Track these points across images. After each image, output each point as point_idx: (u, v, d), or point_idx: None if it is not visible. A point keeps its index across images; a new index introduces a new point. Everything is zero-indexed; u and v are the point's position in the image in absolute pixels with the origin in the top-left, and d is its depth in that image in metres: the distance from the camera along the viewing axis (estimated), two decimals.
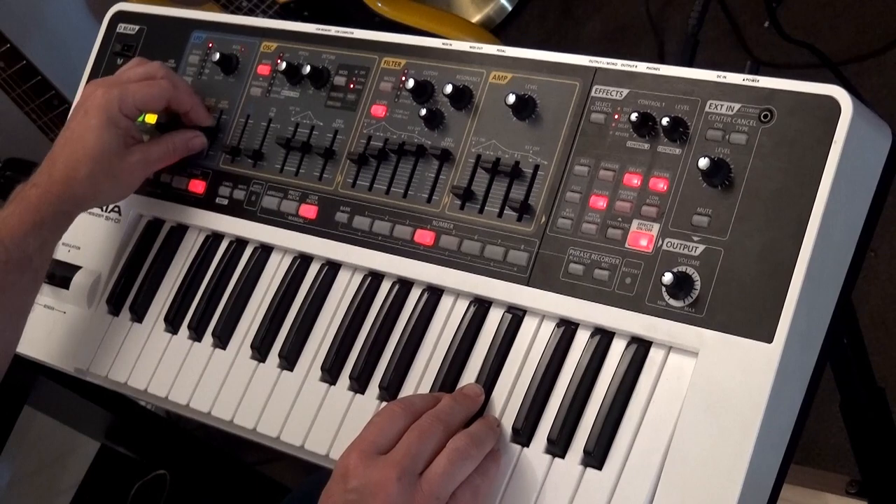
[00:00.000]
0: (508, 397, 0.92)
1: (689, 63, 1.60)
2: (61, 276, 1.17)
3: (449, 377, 0.94)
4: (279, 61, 1.10)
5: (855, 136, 0.83)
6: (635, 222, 0.90)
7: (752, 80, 0.87)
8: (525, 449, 0.89)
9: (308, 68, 1.08)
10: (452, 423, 0.88)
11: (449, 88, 0.99)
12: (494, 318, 0.95)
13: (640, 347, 0.88)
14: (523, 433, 0.89)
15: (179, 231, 1.15)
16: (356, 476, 0.84)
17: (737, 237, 0.85)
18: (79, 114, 1.09)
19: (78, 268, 1.17)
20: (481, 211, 0.97)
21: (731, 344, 0.83)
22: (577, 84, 0.96)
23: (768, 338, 0.81)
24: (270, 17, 2.05)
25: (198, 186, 1.14)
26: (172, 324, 1.11)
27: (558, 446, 0.88)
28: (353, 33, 1.10)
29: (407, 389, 0.96)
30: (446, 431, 0.87)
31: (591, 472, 0.86)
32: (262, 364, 1.04)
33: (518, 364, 0.92)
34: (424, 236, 0.99)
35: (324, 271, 1.05)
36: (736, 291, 0.84)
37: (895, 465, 1.23)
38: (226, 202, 1.12)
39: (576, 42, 2.55)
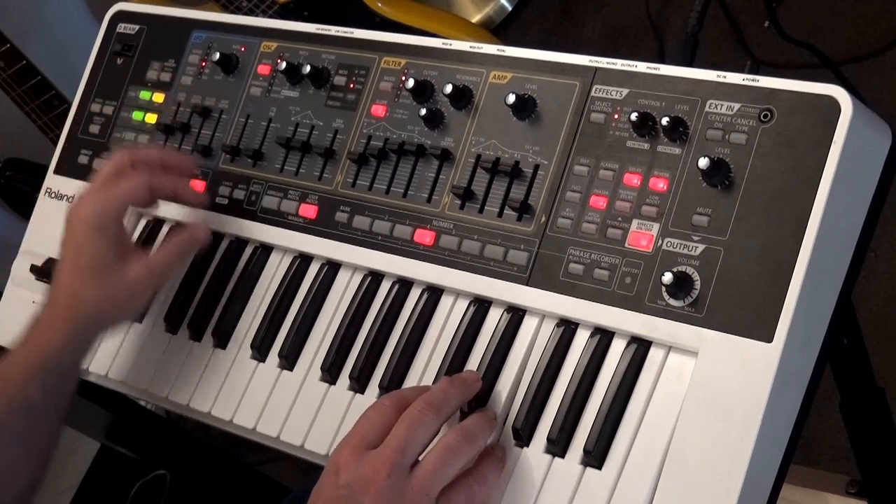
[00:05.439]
0: (508, 397, 0.92)
1: (689, 63, 1.60)
2: None
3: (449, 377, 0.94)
4: (279, 61, 1.10)
5: (855, 135, 0.83)
6: (635, 222, 0.90)
7: (752, 80, 0.87)
8: (525, 448, 0.89)
9: (308, 68, 1.08)
10: (445, 409, 0.88)
11: (449, 88, 0.99)
12: (494, 317, 0.95)
13: (640, 347, 0.88)
14: (523, 433, 0.89)
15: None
16: (347, 472, 0.84)
17: (737, 237, 0.85)
18: (67, 236, 1.03)
19: None
20: (481, 211, 0.97)
21: (730, 344, 0.83)
22: (577, 84, 0.96)
23: (768, 337, 0.81)
24: (270, 16, 2.05)
25: (197, 186, 1.14)
26: (172, 323, 1.11)
27: (558, 446, 0.88)
28: (353, 33, 1.10)
29: None
30: (438, 417, 0.87)
31: (590, 471, 0.86)
32: (261, 364, 1.04)
33: (518, 364, 0.92)
34: (424, 236, 0.99)
35: (324, 271, 1.05)
36: (736, 291, 0.84)
37: (895, 465, 1.23)
38: (226, 202, 1.12)
39: (576, 42, 2.55)
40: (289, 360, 1.03)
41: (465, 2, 2.73)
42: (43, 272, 1.18)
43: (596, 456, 0.86)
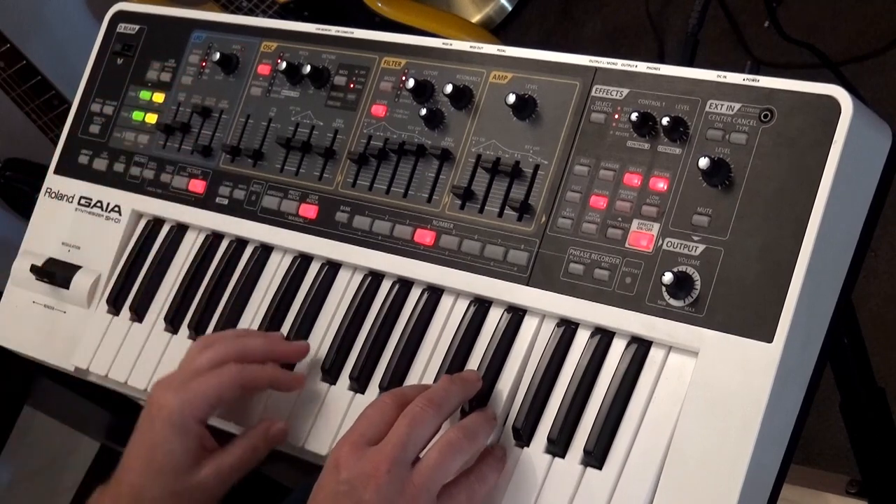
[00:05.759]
0: (509, 397, 0.92)
1: (689, 63, 1.60)
2: (61, 275, 1.17)
3: None
4: (279, 61, 1.10)
5: (855, 135, 0.83)
6: (635, 222, 0.90)
7: (752, 80, 0.87)
8: (525, 449, 0.89)
9: (308, 68, 1.08)
10: (446, 407, 0.88)
11: (449, 88, 1.00)
12: (494, 317, 0.95)
13: (641, 347, 0.88)
14: (523, 433, 0.89)
15: (179, 231, 1.15)
16: (347, 468, 0.84)
17: (737, 237, 0.85)
18: (145, 424, 0.96)
19: (78, 267, 1.17)
20: (481, 211, 0.97)
21: (731, 344, 0.83)
22: (577, 84, 0.96)
23: (768, 338, 0.81)
24: (270, 16, 2.05)
25: (198, 186, 1.14)
26: (172, 324, 1.11)
27: (558, 446, 0.88)
28: (353, 33, 1.10)
29: None
30: (438, 415, 0.87)
31: (591, 471, 0.86)
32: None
33: (518, 364, 0.92)
34: (424, 236, 0.99)
35: (324, 271, 1.05)
36: (736, 291, 0.84)
37: (895, 465, 1.23)
38: (226, 202, 1.12)
39: (576, 42, 2.56)
40: None
41: (465, 2, 2.73)
42: (43, 272, 1.18)
43: (596, 456, 0.86)
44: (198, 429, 0.95)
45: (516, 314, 0.94)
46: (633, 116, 0.90)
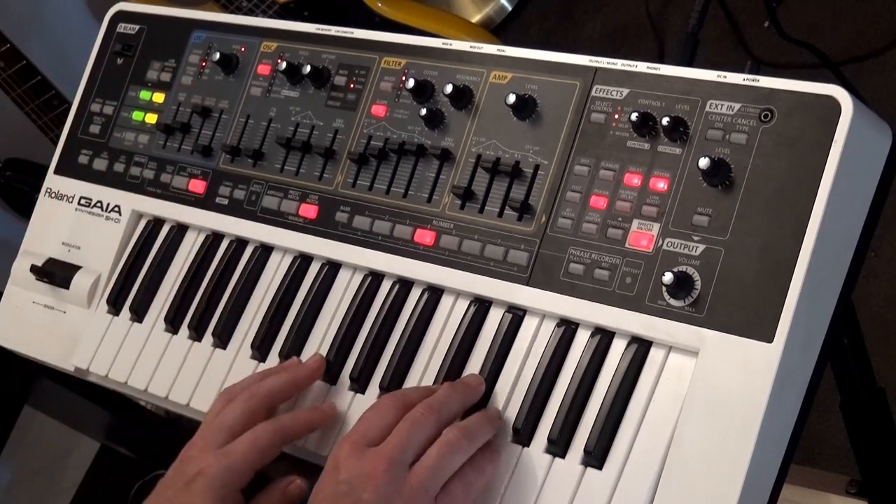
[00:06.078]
0: (509, 397, 0.92)
1: (689, 63, 1.61)
2: (61, 276, 1.17)
3: (449, 377, 0.94)
4: (279, 61, 1.10)
5: (855, 135, 0.83)
6: (635, 222, 0.90)
7: (753, 80, 0.87)
8: (525, 449, 0.89)
9: (308, 68, 1.08)
10: (446, 413, 0.88)
11: (449, 88, 1.00)
12: (494, 317, 0.95)
13: (641, 347, 0.88)
14: (523, 433, 0.89)
15: (180, 231, 1.15)
16: (347, 468, 0.85)
17: (737, 237, 0.85)
18: (179, 482, 0.90)
19: (78, 268, 1.17)
20: (481, 211, 0.97)
21: (731, 344, 0.83)
22: (577, 84, 0.96)
23: (768, 338, 0.81)
24: (270, 16, 2.05)
25: (198, 186, 1.14)
26: (172, 324, 1.11)
27: (558, 446, 0.88)
28: (353, 33, 1.10)
29: None
30: (438, 422, 0.88)
31: (591, 471, 0.86)
32: (262, 364, 1.04)
33: (518, 364, 0.92)
34: (424, 236, 0.99)
35: (324, 271, 1.05)
36: (736, 291, 0.84)
37: (895, 465, 1.23)
38: (226, 202, 1.12)
39: (576, 42, 2.56)
40: None
41: (465, 2, 2.73)
42: (43, 272, 1.18)
43: (596, 456, 0.86)
44: (236, 499, 0.90)
45: (516, 314, 0.94)
46: (633, 116, 0.90)
